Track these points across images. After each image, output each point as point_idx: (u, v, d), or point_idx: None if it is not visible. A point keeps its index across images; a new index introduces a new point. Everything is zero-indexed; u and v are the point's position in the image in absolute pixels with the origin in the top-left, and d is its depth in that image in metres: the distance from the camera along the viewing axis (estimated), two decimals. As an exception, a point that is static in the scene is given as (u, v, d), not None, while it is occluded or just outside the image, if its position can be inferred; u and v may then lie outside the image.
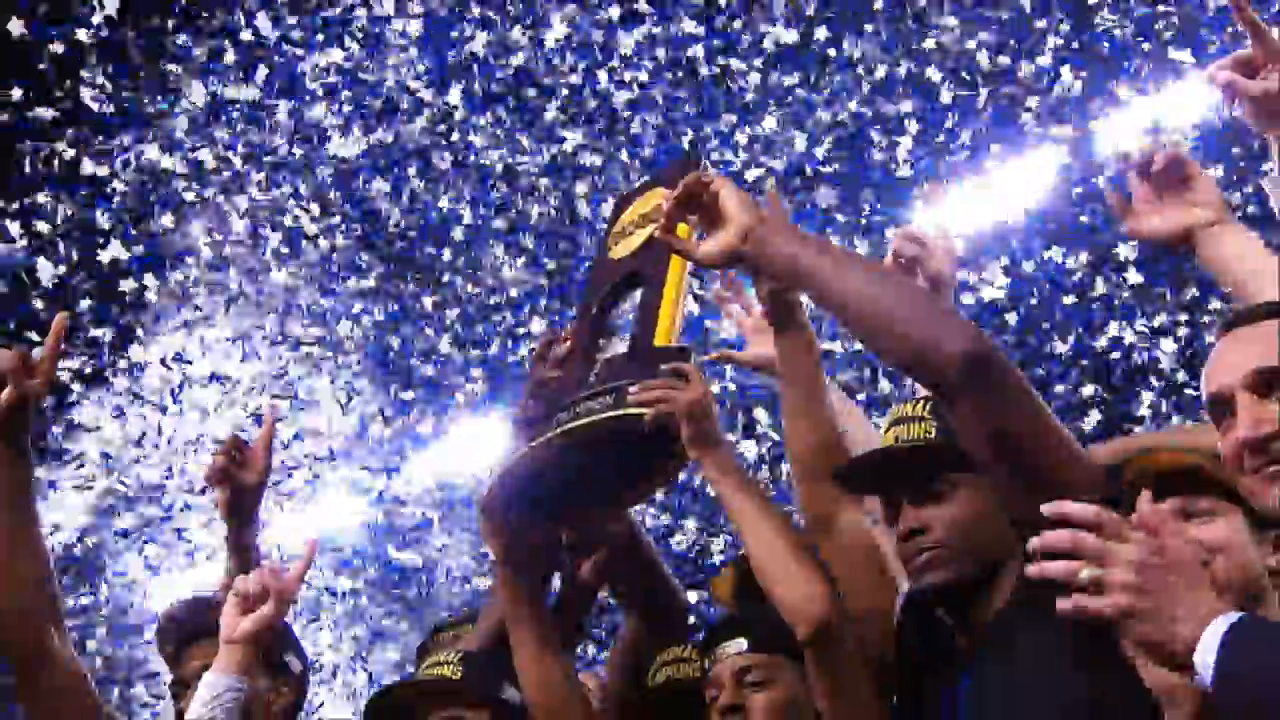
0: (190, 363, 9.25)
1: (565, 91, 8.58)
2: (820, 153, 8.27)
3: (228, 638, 3.03)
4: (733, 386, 8.47)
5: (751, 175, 8.23)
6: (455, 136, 8.82)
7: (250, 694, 3.05)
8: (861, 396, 8.09)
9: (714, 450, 2.85)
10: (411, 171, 8.88)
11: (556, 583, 3.42)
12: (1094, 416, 8.16)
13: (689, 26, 8.37)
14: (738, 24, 8.38)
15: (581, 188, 8.74)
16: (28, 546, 3.10)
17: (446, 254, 8.98)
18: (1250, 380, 2.10)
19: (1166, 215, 2.70)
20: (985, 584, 2.51)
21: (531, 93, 8.61)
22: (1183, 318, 8.09)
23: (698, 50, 8.40)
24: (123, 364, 9.36)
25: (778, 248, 2.38)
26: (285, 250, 9.11)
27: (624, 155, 8.62)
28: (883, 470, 2.69)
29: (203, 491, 8.74)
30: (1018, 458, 2.27)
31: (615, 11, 8.36)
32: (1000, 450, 2.27)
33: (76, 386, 9.29)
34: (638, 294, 3.11)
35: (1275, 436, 2.06)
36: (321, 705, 9.63)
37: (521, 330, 9.02)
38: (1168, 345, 8.16)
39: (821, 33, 8.18)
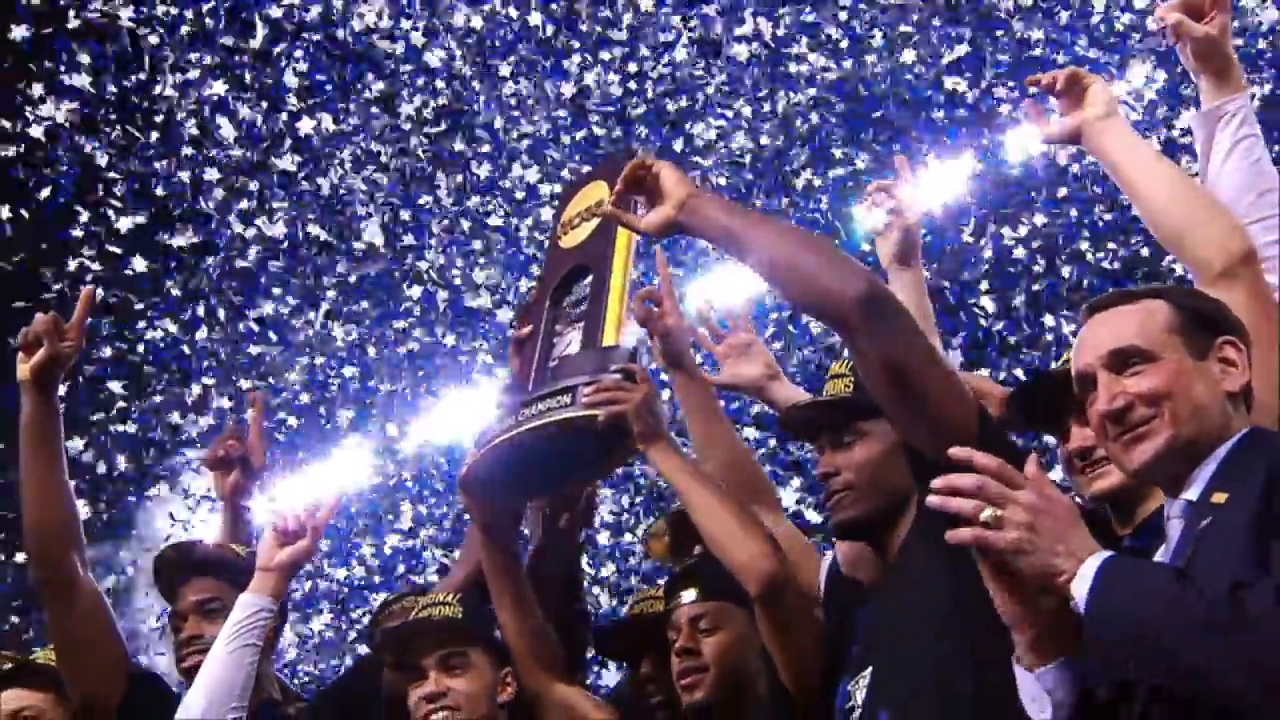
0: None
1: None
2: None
3: (265, 566, 3.45)
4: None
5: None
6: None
7: (272, 617, 3.43)
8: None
9: (659, 443, 3.25)
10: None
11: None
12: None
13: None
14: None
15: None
16: (57, 483, 3.53)
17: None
18: (1107, 360, 2.42)
19: (1065, 122, 3.03)
20: (892, 518, 2.89)
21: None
22: None
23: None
24: None
25: (707, 215, 2.76)
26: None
27: None
28: (807, 421, 3.13)
29: None
30: (908, 387, 2.60)
31: None
32: (894, 381, 2.61)
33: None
34: (587, 282, 3.48)
35: (1128, 408, 2.38)
36: None
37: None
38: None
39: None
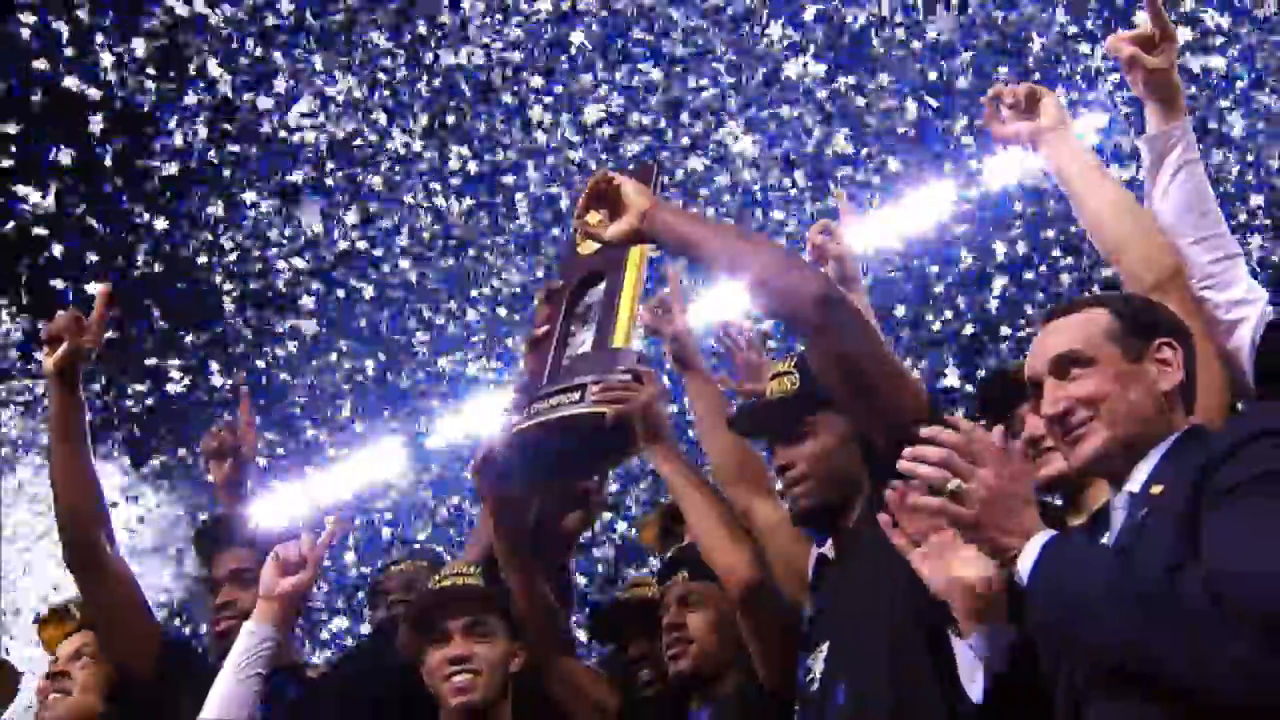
0: None
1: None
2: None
3: (267, 595, 3.53)
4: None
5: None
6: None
7: (281, 642, 3.55)
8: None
9: (661, 443, 3.43)
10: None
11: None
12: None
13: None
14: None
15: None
16: (84, 469, 3.74)
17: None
18: (1052, 366, 2.54)
19: (1019, 124, 3.21)
20: (843, 506, 3.08)
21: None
22: None
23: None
24: None
25: (667, 223, 2.92)
26: None
27: None
28: (758, 418, 3.32)
29: None
30: (861, 380, 2.77)
31: None
32: (848, 377, 2.78)
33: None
34: (601, 287, 3.63)
35: (1069, 411, 2.50)
36: None
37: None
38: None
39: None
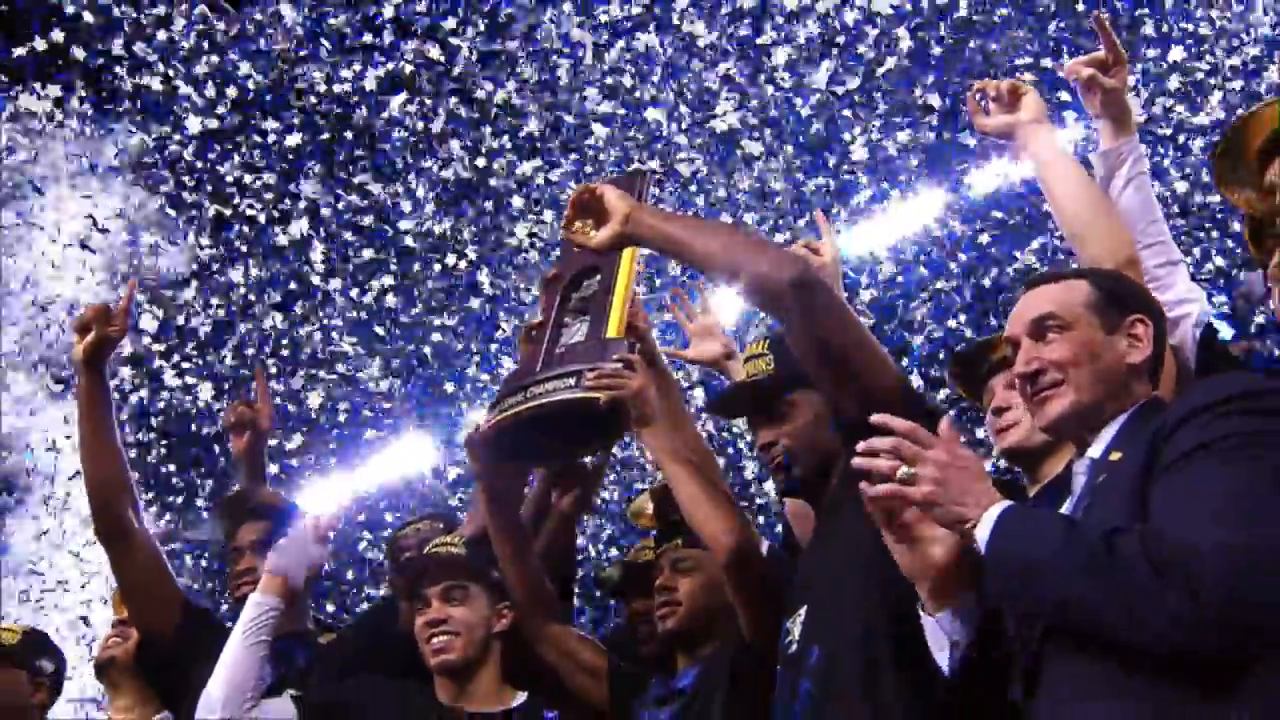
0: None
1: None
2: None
3: (271, 569, 3.77)
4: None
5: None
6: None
7: (279, 615, 3.77)
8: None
9: (651, 426, 3.59)
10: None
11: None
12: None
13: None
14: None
15: None
16: (111, 445, 3.99)
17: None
18: (1029, 328, 2.68)
19: (1001, 117, 3.41)
20: (824, 477, 3.26)
21: None
22: None
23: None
24: None
25: (649, 224, 3.07)
26: None
27: None
28: (737, 400, 3.51)
29: None
30: (839, 363, 2.91)
31: None
32: (825, 357, 2.91)
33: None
34: (595, 280, 3.82)
35: (1040, 372, 2.63)
36: None
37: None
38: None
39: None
